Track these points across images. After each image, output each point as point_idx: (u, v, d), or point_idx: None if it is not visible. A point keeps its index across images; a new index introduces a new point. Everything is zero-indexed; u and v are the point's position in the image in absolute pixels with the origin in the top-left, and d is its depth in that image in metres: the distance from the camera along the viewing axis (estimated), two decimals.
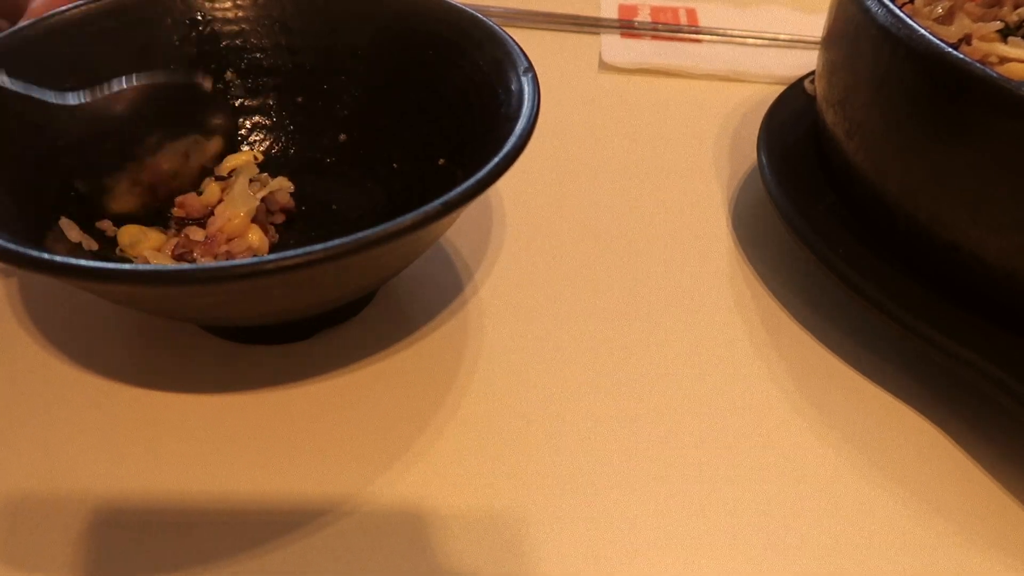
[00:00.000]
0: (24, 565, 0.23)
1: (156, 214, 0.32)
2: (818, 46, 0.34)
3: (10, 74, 0.29)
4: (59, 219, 0.28)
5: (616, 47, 0.49)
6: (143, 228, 0.30)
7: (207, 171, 0.33)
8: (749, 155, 0.40)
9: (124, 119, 0.31)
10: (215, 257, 0.30)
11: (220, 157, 0.33)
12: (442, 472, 0.26)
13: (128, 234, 0.30)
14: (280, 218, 0.32)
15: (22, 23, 0.31)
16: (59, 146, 0.30)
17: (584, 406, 0.28)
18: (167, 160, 0.32)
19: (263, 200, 0.31)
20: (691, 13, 0.53)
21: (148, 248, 0.30)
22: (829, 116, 0.32)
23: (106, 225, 0.30)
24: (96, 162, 0.30)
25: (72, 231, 0.28)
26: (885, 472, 0.27)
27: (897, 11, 0.28)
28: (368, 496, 0.25)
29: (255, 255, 0.30)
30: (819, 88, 0.34)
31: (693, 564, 0.24)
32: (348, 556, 0.24)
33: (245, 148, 0.34)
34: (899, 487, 0.26)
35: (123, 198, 0.31)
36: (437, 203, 0.23)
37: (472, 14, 0.32)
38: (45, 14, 0.31)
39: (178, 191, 0.32)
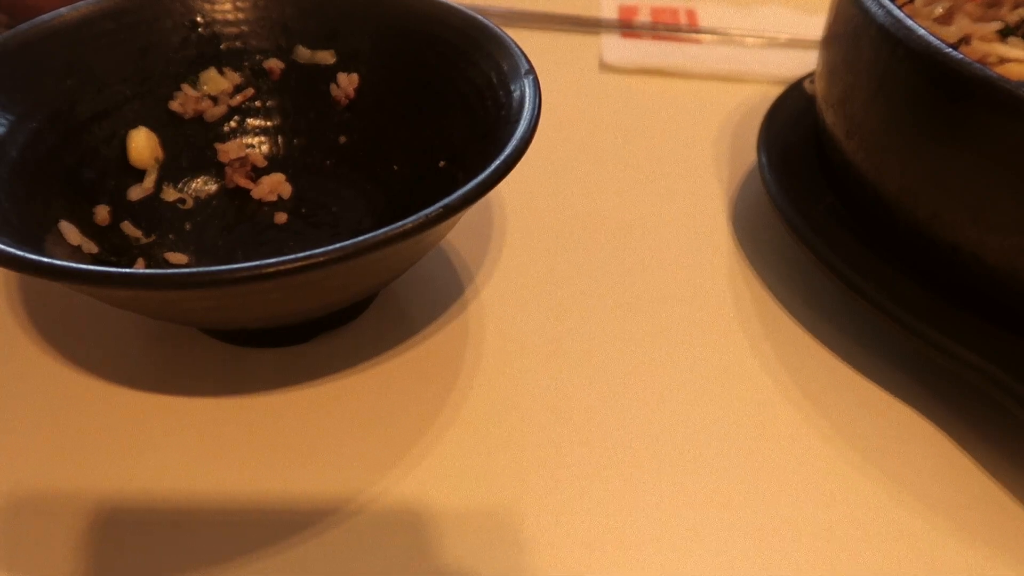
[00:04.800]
0: (24, 566, 0.23)
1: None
2: (818, 46, 0.34)
3: (10, 75, 0.29)
4: (59, 222, 0.28)
5: (616, 47, 0.49)
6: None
7: None
8: (749, 155, 0.40)
9: None
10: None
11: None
12: (445, 473, 0.26)
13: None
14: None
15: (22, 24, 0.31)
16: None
17: (587, 407, 0.28)
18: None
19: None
20: (691, 13, 0.53)
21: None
22: (829, 116, 0.32)
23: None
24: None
25: (71, 234, 0.28)
26: (885, 471, 0.27)
27: (896, 11, 0.28)
28: (371, 497, 0.25)
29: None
30: (819, 88, 0.34)
31: (697, 567, 0.24)
32: (352, 557, 0.24)
33: (247, 151, 0.34)
34: (899, 486, 0.26)
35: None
36: (438, 206, 0.23)
37: (472, 16, 0.32)
38: (44, 16, 0.31)
39: None
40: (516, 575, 0.24)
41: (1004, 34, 0.30)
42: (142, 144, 0.32)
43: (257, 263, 0.21)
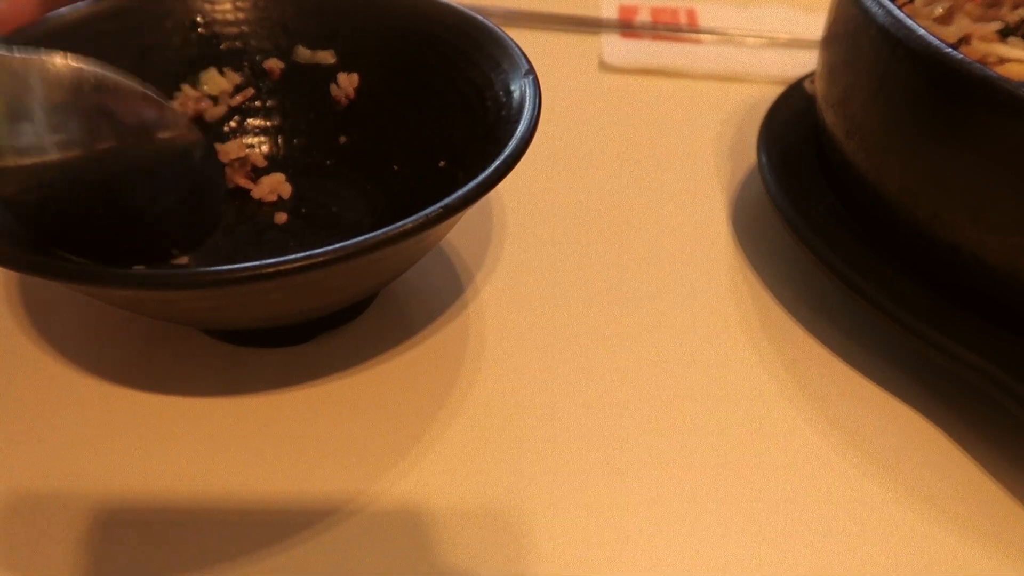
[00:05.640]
0: (24, 566, 0.23)
1: None
2: (818, 46, 0.34)
3: None
4: None
5: (616, 47, 0.49)
6: None
7: None
8: (749, 155, 0.40)
9: None
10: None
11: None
12: (445, 473, 0.26)
13: None
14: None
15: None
16: None
17: (587, 406, 0.28)
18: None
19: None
20: (691, 13, 0.53)
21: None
22: (829, 116, 0.32)
23: None
24: None
25: None
26: (884, 471, 0.27)
27: (896, 11, 0.28)
28: (371, 497, 0.25)
29: None
30: (819, 88, 0.34)
31: (697, 564, 0.24)
32: (352, 557, 0.24)
33: (247, 151, 0.34)
34: (898, 486, 0.26)
35: None
36: (438, 206, 0.23)
37: (472, 16, 0.32)
38: (44, 16, 0.31)
39: None
40: (516, 575, 0.24)
41: (1004, 34, 0.30)
42: None
43: (257, 263, 0.21)
